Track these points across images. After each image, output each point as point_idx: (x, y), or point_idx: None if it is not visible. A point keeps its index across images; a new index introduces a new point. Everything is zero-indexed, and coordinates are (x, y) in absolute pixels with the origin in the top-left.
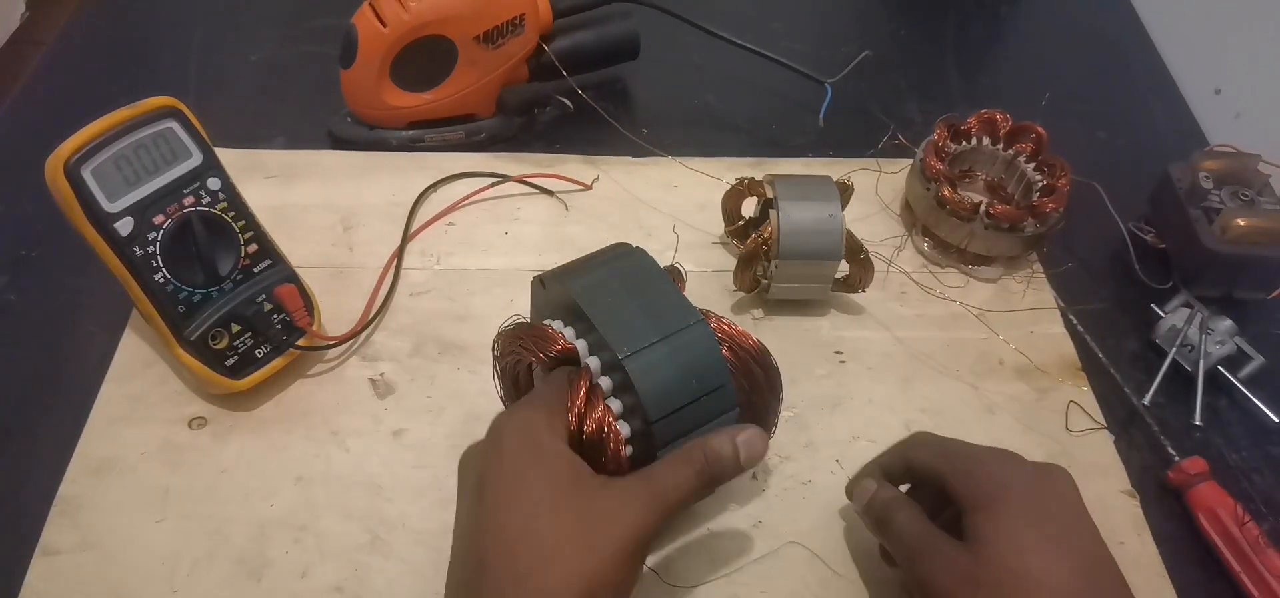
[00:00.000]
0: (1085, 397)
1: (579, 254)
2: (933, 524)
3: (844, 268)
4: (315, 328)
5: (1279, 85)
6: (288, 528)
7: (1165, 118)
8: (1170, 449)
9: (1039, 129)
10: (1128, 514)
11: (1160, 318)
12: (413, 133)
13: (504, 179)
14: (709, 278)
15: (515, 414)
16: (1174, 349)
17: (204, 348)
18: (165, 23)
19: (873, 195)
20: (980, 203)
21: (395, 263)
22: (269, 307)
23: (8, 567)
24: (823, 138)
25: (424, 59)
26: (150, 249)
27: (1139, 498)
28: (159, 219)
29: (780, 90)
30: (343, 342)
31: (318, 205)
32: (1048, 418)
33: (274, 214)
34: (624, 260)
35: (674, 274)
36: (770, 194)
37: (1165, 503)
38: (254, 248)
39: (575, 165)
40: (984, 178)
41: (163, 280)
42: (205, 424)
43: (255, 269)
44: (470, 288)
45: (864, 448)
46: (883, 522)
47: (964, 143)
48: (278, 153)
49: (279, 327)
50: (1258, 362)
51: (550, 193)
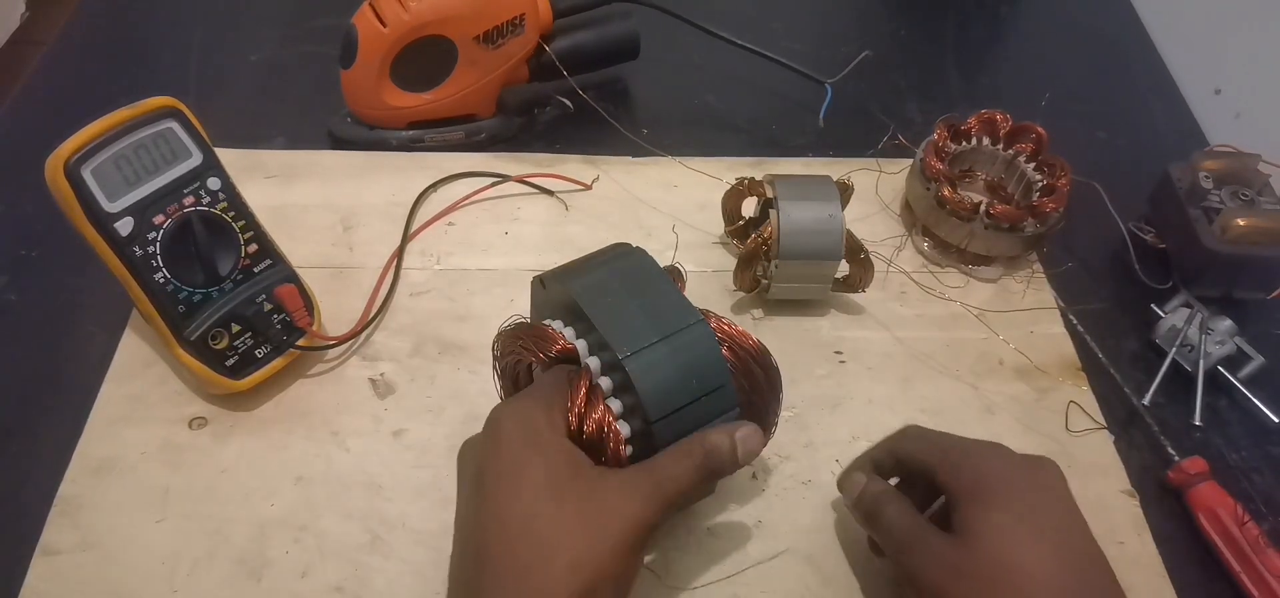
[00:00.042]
0: (1085, 397)
1: (579, 254)
2: (921, 517)
3: (844, 268)
4: (315, 328)
5: (1279, 85)
6: (288, 528)
7: (1165, 118)
8: (1170, 449)
9: (1039, 129)
10: (1128, 514)
11: (1160, 318)
12: (413, 133)
13: (504, 179)
14: (709, 278)
15: (513, 406)
16: (1174, 349)
17: (204, 348)
18: (165, 23)
19: (873, 195)
20: (980, 203)
21: (395, 263)
22: (269, 307)
23: (8, 567)
24: (823, 138)
25: (424, 59)
26: (150, 249)
27: (1139, 498)
28: (159, 219)
29: (780, 90)
30: (343, 342)
31: (318, 205)
32: (1048, 418)
33: (274, 214)
34: (624, 260)
35: (674, 274)
36: (770, 194)
37: (1165, 503)
38: (254, 248)
39: (575, 165)
40: (984, 178)
41: (163, 280)
42: (205, 424)
43: (255, 269)
44: (470, 288)
45: (864, 448)
46: (872, 515)
47: (964, 143)
48: (278, 153)
49: (279, 327)
50: (1258, 362)
51: (550, 193)
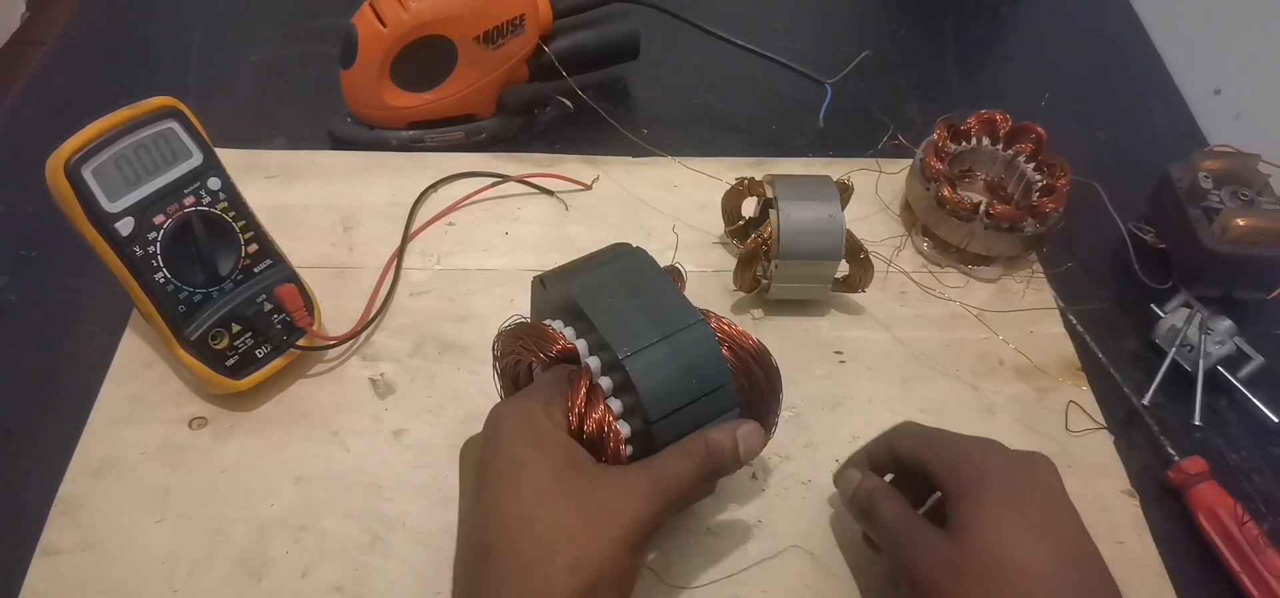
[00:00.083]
0: (1085, 397)
1: (579, 254)
2: (916, 513)
3: (844, 268)
4: (315, 328)
5: (1279, 85)
6: (288, 528)
7: (1165, 118)
8: (1170, 449)
9: (1039, 129)
10: (1127, 514)
11: (1160, 318)
12: (413, 133)
13: (504, 179)
14: (709, 278)
15: (513, 404)
16: (1174, 349)
17: (204, 348)
18: (165, 23)
19: (873, 195)
20: (980, 203)
21: (395, 263)
22: (269, 307)
23: (8, 567)
24: (823, 138)
25: (424, 59)
26: (150, 249)
27: (1139, 498)
28: (159, 219)
29: (780, 90)
30: (343, 342)
31: (318, 205)
32: (1047, 418)
33: (274, 214)
34: (624, 260)
35: (674, 274)
36: (770, 194)
37: (1165, 503)
38: (254, 248)
39: (575, 165)
40: (984, 178)
41: (163, 280)
42: (205, 424)
43: (255, 269)
44: (470, 288)
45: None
46: (867, 511)
47: (964, 143)
48: (278, 153)
49: (279, 327)
50: (1257, 362)
51: (550, 193)
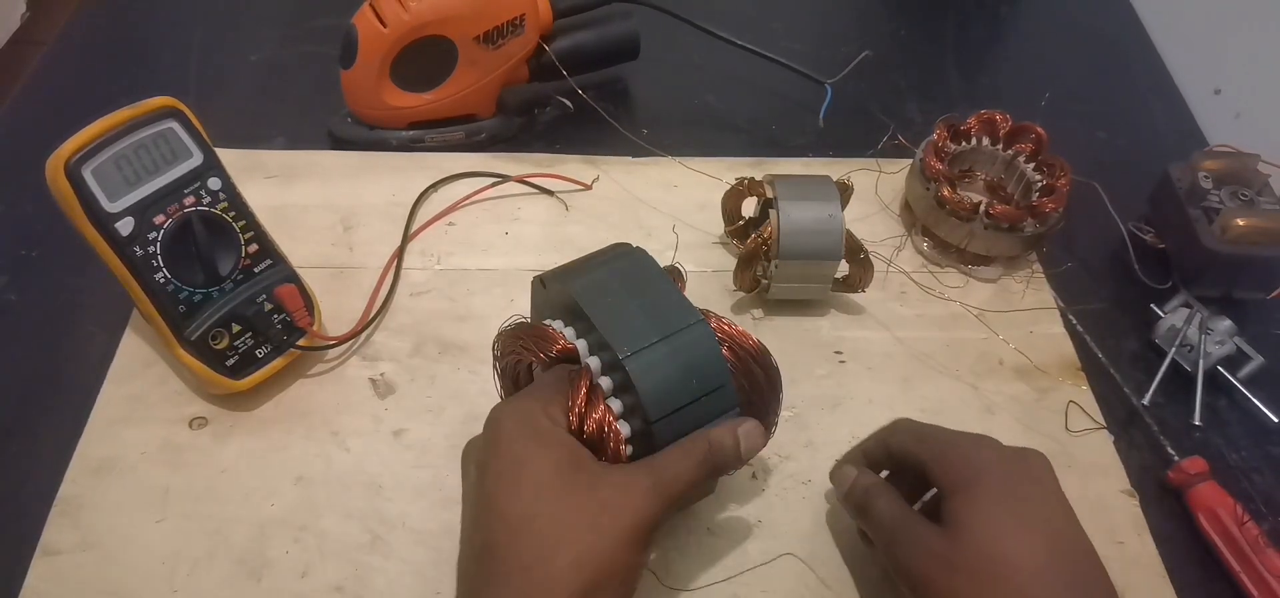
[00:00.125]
0: (1085, 397)
1: (579, 254)
2: (911, 509)
3: (844, 268)
4: (315, 328)
5: (1279, 85)
6: (288, 528)
7: (1165, 118)
8: (1170, 449)
9: (1039, 129)
10: (1127, 514)
11: (1160, 318)
12: (413, 133)
13: (504, 179)
14: (709, 278)
15: (513, 404)
16: (1173, 349)
17: (204, 348)
18: (165, 23)
19: (873, 195)
20: (980, 203)
21: (395, 263)
22: (269, 307)
23: (8, 567)
24: (823, 138)
25: (424, 59)
26: (151, 249)
27: (1139, 498)
28: (159, 219)
29: (780, 90)
30: (343, 342)
31: (318, 205)
32: (1047, 418)
33: (274, 214)
34: (624, 260)
35: (674, 274)
36: (770, 194)
37: (1165, 503)
38: (254, 248)
39: (575, 165)
40: (984, 178)
41: (163, 280)
42: (205, 424)
43: (256, 269)
44: (470, 288)
45: None
46: (863, 508)
47: (964, 143)
48: (278, 153)
49: (279, 327)
50: (1257, 362)
51: (550, 193)
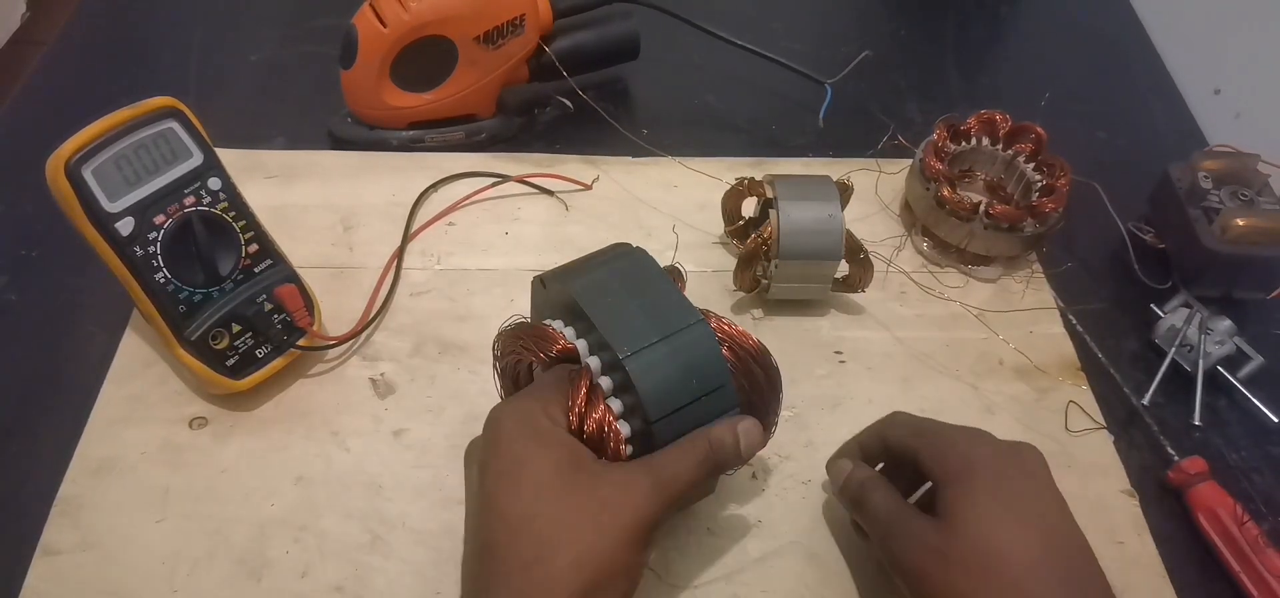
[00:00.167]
0: (1085, 397)
1: (579, 254)
2: (905, 502)
3: (844, 268)
4: (315, 328)
5: (1279, 85)
6: (288, 528)
7: (1165, 118)
8: (1170, 449)
9: (1038, 129)
10: (1127, 514)
11: (1160, 318)
12: (413, 133)
13: (504, 179)
14: (709, 278)
15: (513, 404)
16: (1173, 349)
17: (204, 348)
18: (165, 23)
19: (872, 195)
20: (980, 203)
21: (395, 263)
22: (269, 307)
23: (8, 567)
24: (823, 138)
25: (424, 59)
26: (151, 249)
27: (1138, 498)
28: (160, 219)
29: (780, 90)
30: (343, 342)
31: (318, 205)
32: (1047, 418)
33: (274, 214)
34: (624, 260)
35: (674, 274)
36: (770, 194)
37: (1165, 503)
38: (254, 248)
39: (575, 165)
40: (983, 178)
41: (163, 280)
42: (205, 424)
43: (256, 269)
44: (470, 288)
45: None
46: (858, 501)
47: (964, 143)
48: (278, 153)
49: (279, 327)
50: (1257, 362)
51: (550, 193)
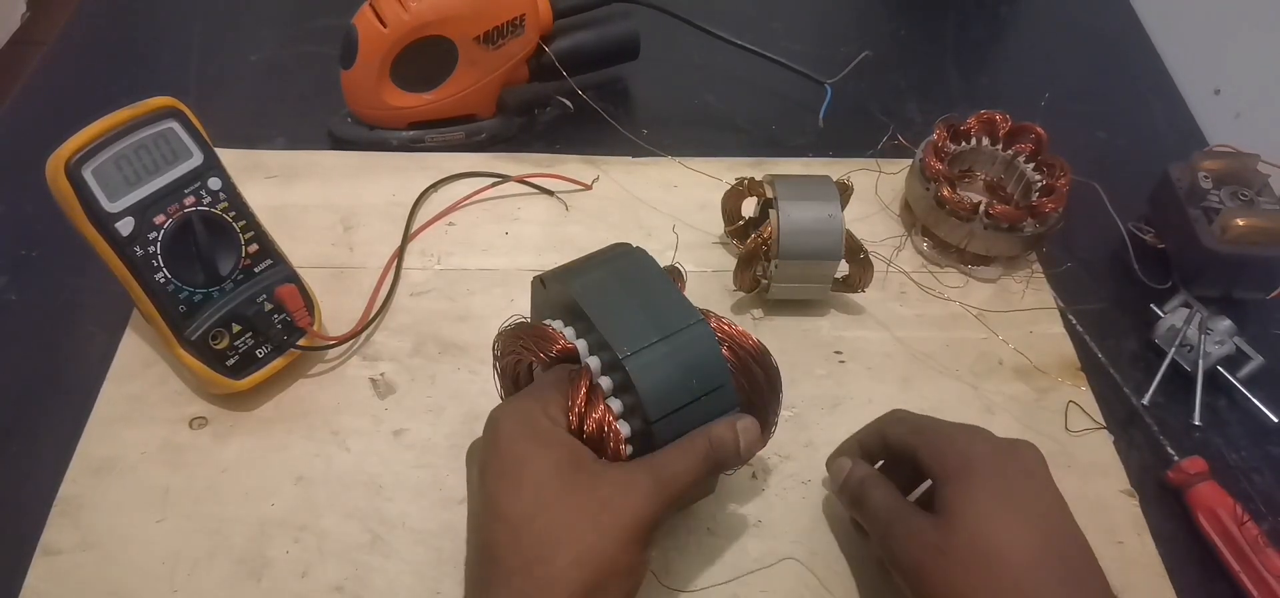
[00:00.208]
0: (1085, 397)
1: (579, 254)
2: (904, 499)
3: (844, 268)
4: (316, 328)
5: (1279, 85)
6: (288, 528)
7: (1165, 118)
8: (1170, 449)
9: (1038, 129)
10: (1127, 514)
11: (1160, 318)
12: (413, 133)
13: (504, 179)
14: (709, 278)
15: (512, 404)
16: (1173, 349)
17: (204, 348)
18: (165, 23)
19: (872, 195)
20: (980, 203)
21: (395, 263)
22: (269, 307)
23: (8, 567)
24: (823, 138)
25: (424, 59)
26: (151, 249)
27: (1138, 498)
28: (160, 219)
29: (780, 90)
30: (343, 342)
31: (318, 205)
32: (1047, 418)
33: (274, 214)
34: (624, 260)
35: (674, 274)
36: (770, 194)
37: (1165, 503)
38: (254, 248)
39: (575, 165)
40: (983, 178)
41: (163, 280)
42: (205, 424)
43: (256, 269)
44: (470, 288)
45: None
46: (857, 499)
47: (963, 143)
48: (278, 153)
49: (279, 327)
50: (1257, 362)
51: (550, 193)
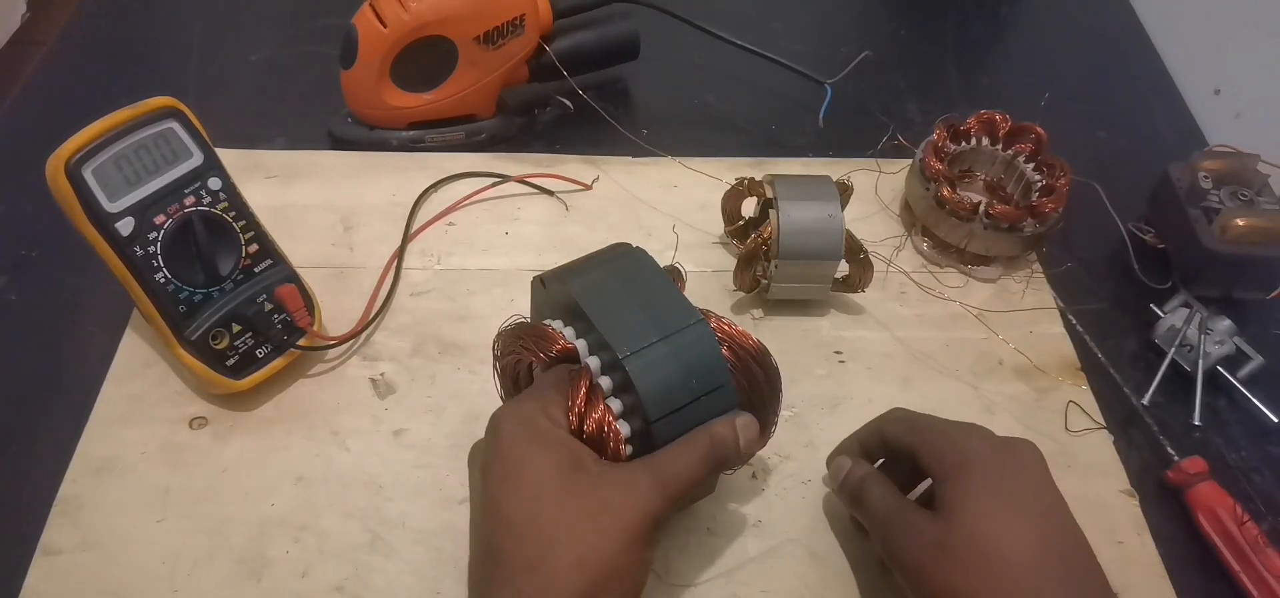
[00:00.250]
0: (1085, 397)
1: (579, 254)
2: (903, 497)
3: (844, 268)
4: (316, 328)
5: (1279, 85)
6: (288, 528)
7: (1165, 118)
8: (1169, 449)
9: (1038, 129)
10: (1127, 514)
11: (1160, 318)
12: (413, 133)
13: (504, 179)
14: (709, 278)
15: (513, 406)
16: (1173, 349)
17: (204, 348)
18: (165, 23)
19: (872, 195)
20: (979, 203)
21: (395, 263)
22: (269, 307)
23: (8, 567)
24: (823, 138)
25: (424, 59)
26: (151, 249)
27: (1138, 498)
28: (160, 219)
29: (780, 90)
30: (343, 342)
31: (318, 205)
32: (1047, 418)
33: (274, 214)
34: (624, 260)
35: (674, 274)
36: (770, 194)
37: (1165, 503)
38: (254, 248)
39: (575, 165)
40: (983, 178)
41: (163, 280)
42: (205, 424)
43: (256, 269)
44: (470, 288)
45: None
46: (857, 497)
47: (963, 143)
48: (278, 153)
49: (279, 327)
50: (1257, 362)
51: (550, 193)
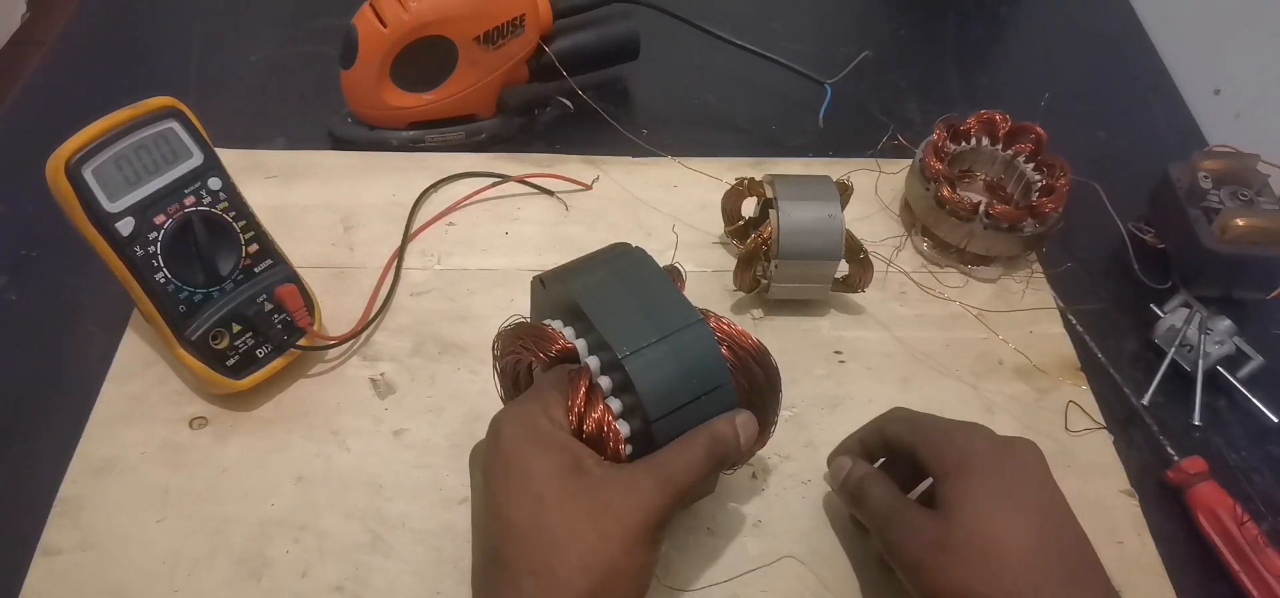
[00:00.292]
0: (1084, 397)
1: (579, 254)
2: (904, 496)
3: (844, 268)
4: (316, 328)
5: (1279, 85)
6: (288, 528)
7: (1165, 118)
8: (1169, 449)
9: (1038, 129)
10: (1127, 514)
11: (1159, 318)
12: (413, 133)
13: (504, 179)
14: (709, 278)
15: (513, 408)
16: (1173, 349)
17: (205, 348)
18: (165, 23)
19: (872, 195)
20: (979, 203)
21: (395, 263)
22: (270, 307)
23: (8, 567)
24: (823, 138)
25: (424, 59)
26: (151, 249)
27: (1138, 498)
28: (160, 219)
29: (780, 90)
30: (343, 342)
31: (318, 205)
32: (1047, 418)
33: (274, 214)
34: (624, 260)
35: (674, 274)
36: (770, 194)
37: (1165, 503)
38: (255, 248)
39: (575, 165)
40: (983, 178)
41: (163, 280)
42: (205, 424)
43: (256, 269)
44: (470, 288)
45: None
46: (857, 496)
47: (963, 143)
48: (278, 153)
49: (280, 327)
50: (1257, 362)
51: (550, 193)
